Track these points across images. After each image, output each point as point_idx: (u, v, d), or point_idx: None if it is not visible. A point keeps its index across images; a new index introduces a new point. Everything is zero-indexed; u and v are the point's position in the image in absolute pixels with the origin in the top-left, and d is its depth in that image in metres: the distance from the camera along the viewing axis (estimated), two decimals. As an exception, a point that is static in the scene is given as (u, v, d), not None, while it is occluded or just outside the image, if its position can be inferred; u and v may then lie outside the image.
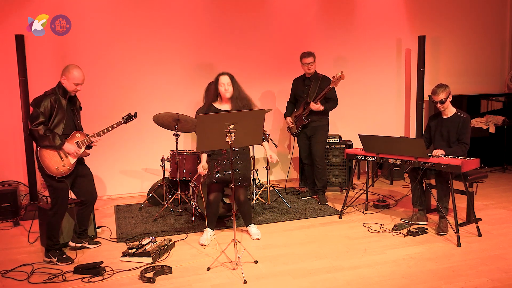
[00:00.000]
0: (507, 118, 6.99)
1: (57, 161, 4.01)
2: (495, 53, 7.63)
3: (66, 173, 4.04)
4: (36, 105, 3.97)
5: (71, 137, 4.11)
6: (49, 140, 3.93)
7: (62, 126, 4.03)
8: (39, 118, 3.92)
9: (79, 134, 4.17)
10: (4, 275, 3.83)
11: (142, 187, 6.22)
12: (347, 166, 6.14)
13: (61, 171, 4.02)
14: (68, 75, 4.04)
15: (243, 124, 3.78)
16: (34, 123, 3.92)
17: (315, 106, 5.39)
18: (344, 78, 5.26)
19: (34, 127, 3.92)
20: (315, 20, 6.70)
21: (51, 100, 3.99)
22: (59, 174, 4.02)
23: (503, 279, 3.61)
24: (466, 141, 4.63)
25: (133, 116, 4.45)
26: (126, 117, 4.43)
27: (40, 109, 3.94)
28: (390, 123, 7.15)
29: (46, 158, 3.98)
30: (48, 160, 3.99)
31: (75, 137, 4.14)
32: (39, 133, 3.91)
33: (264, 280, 3.67)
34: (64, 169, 4.04)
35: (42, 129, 3.91)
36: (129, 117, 4.44)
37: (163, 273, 3.77)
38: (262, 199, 5.64)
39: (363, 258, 4.04)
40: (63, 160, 4.04)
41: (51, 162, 3.99)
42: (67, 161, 4.06)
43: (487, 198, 5.71)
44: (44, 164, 3.98)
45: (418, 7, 7.12)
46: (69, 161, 4.07)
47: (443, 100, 4.64)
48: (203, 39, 6.26)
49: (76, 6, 5.75)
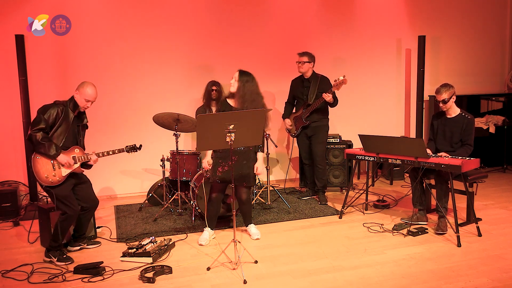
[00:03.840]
0: (507, 118, 7.00)
1: (48, 169, 4.00)
2: (495, 53, 7.63)
3: (54, 184, 4.01)
4: (42, 111, 3.98)
5: (69, 150, 4.10)
6: (45, 148, 3.93)
7: (62, 138, 4.03)
8: (40, 124, 3.92)
9: (78, 150, 4.17)
10: (4, 275, 3.83)
11: (142, 187, 6.22)
12: (347, 166, 6.14)
13: (50, 180, 4.00)
14: (81, 90, 4.08)
15: (243, 124, 3.78)
16: (34, 128, 3.92)
17: (328, 97, 5.29)
18: (346, 83, 5.21)
19: (33, 132, 3.92)
20: (315, 20, 6.70)
21: (58, 110, 4.00)
22: (48, 183, 4.00)
23: (503, 279, 3.61)
24: (470, 143, 4.62)
25: (138, 148, 4.49)
26: (130, 147, 4.47)
27: (44, 115, 3.94)
28: (390, 123, 7.15)
29: (38, 164, 3.98)
30: (39, 166, 3.98)
31: (73, 152, 4.13)
32: (36, 138, 3.91)
33: (264, 280, 3.67)
34: (53, 179, 4.01)
35: (40, 135, 3.91)
36: (133, 148, 4.47)
37: (163, 273, 3.77)
38: (262, 199, 5.64)
39: (363, 258, 4.04)
40: (54, 170, 4.02)
41: (42, 169, 3.98)
42: (58, 172, 4.03)
43: (487, 198, 5.71)
44: (34, 170, 3.97)
45: (418, 7, 7.12)
46: (61, 173, 4.04)
47: (445, 100, 4.64)
48: (203, 39, 6.26)
49: (76, 6, 5.76)
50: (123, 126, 6.05)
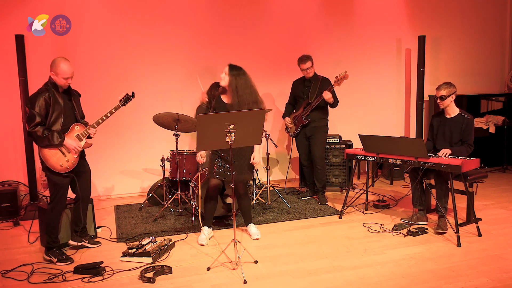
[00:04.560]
0: (507, 118, 7.00)
1: (60, 157, 4.01)
2: (495, 53, 7.63)
3: (71, 168, 4.05)
4: (31, 105, 3.94)
5: (70, 130, 4.09)
6: (48, 139, 3.92)
7: (60, 121, 4.01)
8: (35, 119, 3.90)
9: (78, 127, 4.15)
10: (4, 275, 3.83)
11: (142, 187, 6.22)
12: (347, 166, 6.14)
13: (66, 167, 4.03)
14: (56, 70, 3.96)
15: (243, 124, 3.78)
16: (31, 125, 3.91)
17: (328, 95, 5.33)
18: (348, 78, 5.26)
19: (31, 129, 3.91)
20: (315, 20, 6.70)
21: (45, 98, 3.93)
22: (64, 170, 4.03)
23: (503, 279, 3.61)
24: (470, 142, 4.62)
25: (131, 96, 4.30)
26: (124, 99, 4.30)
27: (35, 109, 3.91)
28: (390, 123, 7.15)
29: (50, 157, 3.98)
30: (51, 159, 3.98)
31: (74, 130, 4.12)
32: (37, 134, 3.90)
33: (264, 280, 3.67)
34: (68, 164, 4.04)
35: (39, 130, 3.90)
36: (127, 98, 4.31)
37: (163, 273, 3.77)
38: (262, 199, 5.64)
39: (363, 258, 4.04)
40: (65, 156, 4.03)
41: (54, 160, 3.99)
42: (70, 156, 4.05)
43: (487, 198, 5.71)
44: (48, 164, 3.97)
45: (418, 7, 7.12)
46: (72, 156, 4.07)
47: (443, 97, 4.64)
48: (203, 40, 6.26)
49: (76, 6, 5.76)
50: (123, 126, 6.05)
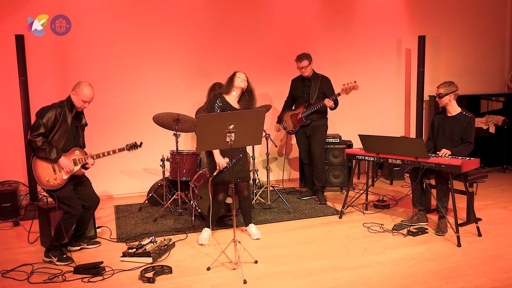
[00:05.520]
0: (507, 118, 6.99)
1: (49, 173, 3.98)
2: (495, 53, 7.63)
3: (56, 187, 4.00)
4: (40, 115, 3.95)
5: (70, 153, 4.09)
6: (46, 152, 3.91)
7: (62, 140, 4.01)
8: (39, 129, 3.90)
9: (78, 152, 4.14)
10: (4, 275, 3.83)
11: (142, 187, 6.22)
12: (347, 166, 6.14)
13: (51, 184, 3.99)
14: (78, 91, 4.03)
15: (243, 124, 3.78)
16: (33, 134, 3.91)
17: (330, 103, 5.35)
18: (357, 89, 5.26)
19: (33, 138, 3.90)
20: (314, 20, 6.70)
21: (56, 113, 3.97)
22: (49, 187, 3.99)
23: (503, 279, 3.61)
24: (471, 141, 4.62)
25: (138, 145, 4.41)
26: (131, 145, 4.38)
27: (43, 119, 3.92)
28: (390, 123, 7.15)
29: (39, 169, 3.97)
30: (40, 171, 3.97)
31: (74, 154, 4.11)
32: (37, 144, 3.89)
33: (264, 280, 3.67)
34: (54, 183, 4.00)
35: (40, 140, 3.90)
36: (134, 145, 4.39)
37: (163, 273, 3.77)
38: (262, 199, 5.64)
39: (363, 258, 4.04)
40: (55, 174, 4.00)
41: (43, 173, 3.97)
42: (59, 175, 4.02)
43: (487, 198, 5.71)
44: (35, 174, 3.96)
45: (418, 7, 7.12)
46: (62, 176, 4.03)
47: (440, 95, 4.65)
48: (203, 40, 6.26)
49: (76, 6, 5.75)
50: (123, 126, 6.05)
